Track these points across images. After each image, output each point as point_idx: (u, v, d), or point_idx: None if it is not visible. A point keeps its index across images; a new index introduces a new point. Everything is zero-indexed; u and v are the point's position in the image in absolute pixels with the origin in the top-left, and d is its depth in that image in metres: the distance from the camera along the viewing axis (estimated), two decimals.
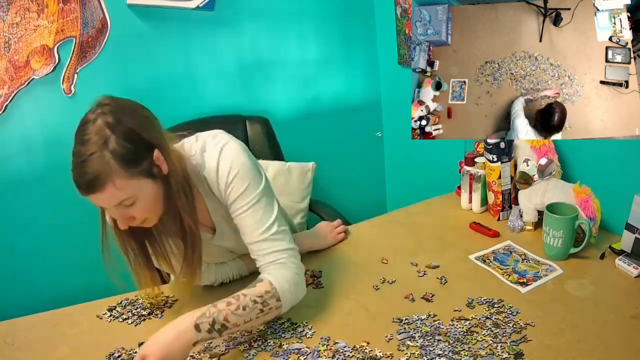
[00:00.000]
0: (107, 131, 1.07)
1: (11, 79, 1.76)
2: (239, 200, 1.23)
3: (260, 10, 2.10)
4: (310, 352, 1.17)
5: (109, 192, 1.08)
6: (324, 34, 2.27)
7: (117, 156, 1.07)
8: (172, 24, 1.96)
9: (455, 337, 1.18)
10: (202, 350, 1.20)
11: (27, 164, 1.87)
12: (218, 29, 2.04)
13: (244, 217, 1.24)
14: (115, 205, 1.12)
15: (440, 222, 1.69)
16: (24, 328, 1.31)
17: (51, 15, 1.76)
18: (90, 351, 1.22)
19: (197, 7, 1.92)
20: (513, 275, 1.39)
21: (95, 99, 1.12)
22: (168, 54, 1.99)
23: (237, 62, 2.12)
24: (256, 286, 1.20)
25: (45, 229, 1.95)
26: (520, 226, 1.60)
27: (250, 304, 1.16)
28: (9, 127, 1.81)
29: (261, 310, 1.17)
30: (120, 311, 1.35)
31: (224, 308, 1.14)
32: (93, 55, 1.85)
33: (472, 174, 1.70)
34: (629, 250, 1.38)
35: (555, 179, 1.56)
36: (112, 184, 1.08)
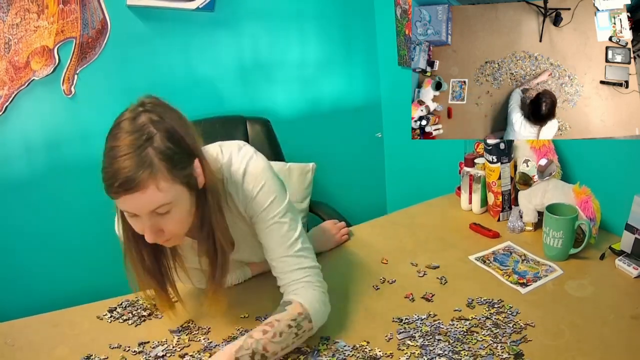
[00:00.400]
0: (152, 128, 1.00)
1: (11, 80, 1.76)
2: (263, 214, 1.19)
3: (260, 11, 2.10)
4: (310, 352, 1.17)
5: (150, 193, 1.00)
6: (324, 35, 2.27)
7: (162, 155, 1.00)
8: (172, 25, 1.96)
9: (455, 337, 1.18)
10: (202, 350, 1.20)
11: (27, 165, 1.87)
12: (218, 29, 2.05)
13: (268, 232, 1.20)
14: (150, 211, 1.03)
15: (440, 223, 1.69)
16: (24, 329, 1.31)
17: (51, 16, 1.76)
18: (90, 352, 1.21)
19: (198, 8, 1.92)
20: (513, 276, 1.39)
21: (134, 101, 1.06)
22: (168, 55, 1.99)
23: (238, 63, 2.13)
24: (287, 309, 1.14)
25: (45, 230, 1.95)
26: (520, 227, 1.60)
27: (286, 329, 1.11)
28: (9, 128, 1.81)
29: (296, 334, 1.13)
30: (121, 312, 1.35)
31: (261, 337, 1.09)
32: (93, 56, 1.85)
33: (472, 174, 1.70)
34: (629, 250, 1.38)
35: (555, 179, 1.56)
36: (155, 184, 0.99)
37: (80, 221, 1.99)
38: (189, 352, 1.19)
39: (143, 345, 1.22)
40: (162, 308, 1.26)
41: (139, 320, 1.32)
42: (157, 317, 1.33)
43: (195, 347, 1.21)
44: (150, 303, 1.33)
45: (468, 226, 1.65)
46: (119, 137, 1.00)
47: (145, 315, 1.34)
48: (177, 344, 1.22)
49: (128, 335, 1.27)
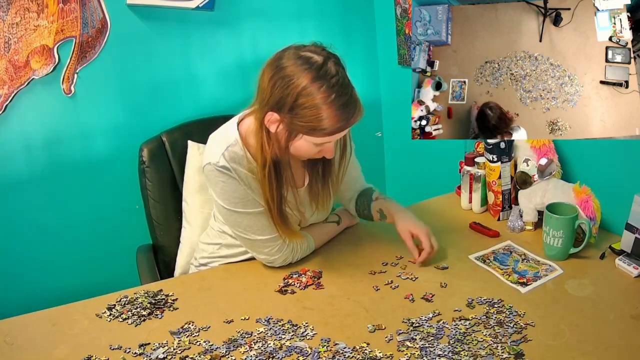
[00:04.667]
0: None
1: (11, 79, 1.76)
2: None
3: (260, 10, 2.10)
4: (310, 354, 1.17)
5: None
6: (324, 34, 2.26)
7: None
8: (172, 24, 1.96)
9: (455, 337, 1.18)
10: (203, 352, 1.20)
11: (26, 164, 1.87)
12: (218, 29, 2.04)
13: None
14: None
15: (440, 222, 1.69)
16: (23, 327, 1.31)
17: (51, 15, 1.76)
18: (90, 351, 1.21)
19: (197, 7, 1.92)
20: (513, 275, 1.39)
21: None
22: (168, 54, 1.98)
23: (237, 62, 2.12)
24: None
25: (45, 229, 1.95)
26: (520, 226, 1.60)
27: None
28: (8, 127, 1.81)
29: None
30: (120, 310, 1.35)
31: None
32: (93, 55, 1.85)
33: (472, 174, 1.70)
34: (629, 250, 1.38)
35: (555, 179, 1.56)
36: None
37: (80, 220, 1.99)
38: (189, 355, 1.19)
39: (143, 347, 1.22)
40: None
41: (139, 320, 1.32)
42: (157, 317, 1.33)
43: (196, 349, 1.21)
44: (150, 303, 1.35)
45: (468, 225, 1.65)
46: (335, 72, 1.23)
47: (145, 315, 1.33)
48: (177, 346, 1.22)
49: (128, 336, 1.27)
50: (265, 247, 1.44)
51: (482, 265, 1.45)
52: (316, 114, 1.21)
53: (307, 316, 1.30)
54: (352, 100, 1.25)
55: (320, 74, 1.21)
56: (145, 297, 1.39)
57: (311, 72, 1.21)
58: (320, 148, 1.31)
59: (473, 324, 1.22)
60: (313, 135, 1.26)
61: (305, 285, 1.41)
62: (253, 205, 1.40)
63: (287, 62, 1.24)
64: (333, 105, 1.21)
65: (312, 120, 1.22)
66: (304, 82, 1.20)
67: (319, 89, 1.20)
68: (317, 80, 1.20)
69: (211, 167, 1.36)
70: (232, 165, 1.36)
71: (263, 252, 1.45)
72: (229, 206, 1.39)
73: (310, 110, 1.21)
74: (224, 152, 1.36)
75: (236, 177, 1.36)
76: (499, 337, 1.17)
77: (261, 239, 1.42)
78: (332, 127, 1.24)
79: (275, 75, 1.24)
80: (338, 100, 1.22)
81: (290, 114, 1.24)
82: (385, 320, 1.26)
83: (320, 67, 1.22)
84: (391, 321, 1.26)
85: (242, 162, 1.37)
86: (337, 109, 1.22)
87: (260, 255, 1.46)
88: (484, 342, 1.16)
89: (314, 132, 1.25)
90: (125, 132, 1.95)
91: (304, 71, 1.21)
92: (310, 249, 1.52)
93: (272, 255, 1.45)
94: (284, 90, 1.22)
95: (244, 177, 1.38)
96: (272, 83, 1.25)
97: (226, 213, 1.41)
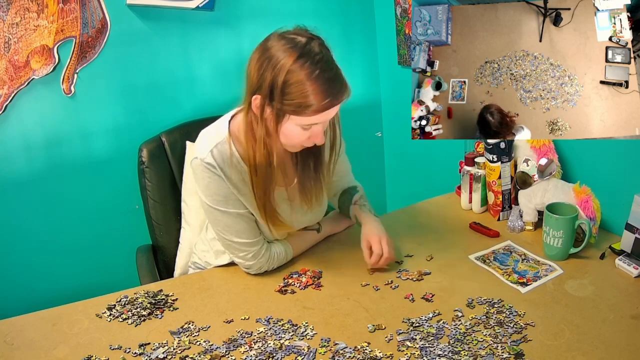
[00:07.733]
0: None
1: (11, 79, 1.76)
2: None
3: (260, 10, 2.10)
4: (307, 354, 1.17)
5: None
6: (324, 34, 2.24)
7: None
8: (172, 24, 1.96)
9: (455, 337, 1.18)
10: (203, 352, 1.20)
11: (26, 164, 1.87)
12: (218, 29, 2.04)
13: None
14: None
15: (440, 222, 1.69)
16: (23, 327, 1.31)
17: (51, 15, 1.76)
18: (90, 351, 1.22)
19: (197, 7, 1.92)
20: (513, 275, 1.39)
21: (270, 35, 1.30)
22: (168, 54, 1.98)
23: (237, 61, 2.12)
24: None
25: (45, 229, 1.95)
26: (520, 226, 1.60)
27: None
28: (8, 127, 1.80)
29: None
30: (120, 310, 1.35)
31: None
32: (93, 55, 1.85)
33: (472, 174, 1.70)
34: (629, 250, 1.38)
35: (555, 179, 1.56)
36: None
37: (80, 220, 1.99)
38: (189, 355, 1.19)
39: (143, 347, 1.22)
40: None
41: (139, 320, 1.32)
42: (156, 317, 1.33)
43: (196, 349, 1.21)
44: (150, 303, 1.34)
45: (468, 225, 1.65)
46: (319, 51, 1.25)
47: (145, 315, 1.33)
48: (177, 346, 1.22)
49: (128, 336, 1.27)
50: (240, 251, 1.43)
51: (482, 265, 1.45)
52: (302, 89, 1.22)
53: (307, 316, 1.30)
54: (338, 77, 1.27)
55: (304, 51, 1.23)
56: (145, 297, 1.39)
57: (295, 50, 1.23)
58: (310, 133, 1.31)
59: (473, 324, 1.22)
60: (301, 115, 1.25)
61: (305, 285, 1.42)
62: (235, 206, 1.40)
63: (271, 44, 1.27)
64: (318, 80, 1.23)
65: (298, 97, 1.23)
66: (289, 61, 1.22)
67: (302, 64, 1.22)
68: (301, 57, 1.22)
69: (198, 161, 1.37)
70: (219, 163, 1.36)
71: (238, 255, 1.44)
72: (210, 203, 1.40)
73: (296, 87, 1.22)
74: (213, 149, 1.37)
75: (222, 175, 1.36)
76: (499, 337, 1.17)
77: (238, 242, 1.42)
78: (319, 104, 1.24)
79: (261, 57, 1.27)
80: (323, 75, 1.23)
81: (277, 94, 1.24)
82: (386, 320, 1.26)
83: (304, 45, 1.24)
84: (391, 321, 1.26)
85: (230, 160, 1.37)
86: (322, 84, 1.23)
87: (236, 258, 1.46)
88: (484, 342, 1.16)
89: (301, 111, 1.25)
90: (125, 132, 1.95)
91: (288, 50, 1.23)
92: (287, 259, 1.51)
93: (247, 260, 1.44)
94: (270, 71, 1.24)
95: (230, 176, 1.38)
96: (258, 65, 1.27)
97: (208, 209, 1.42)
